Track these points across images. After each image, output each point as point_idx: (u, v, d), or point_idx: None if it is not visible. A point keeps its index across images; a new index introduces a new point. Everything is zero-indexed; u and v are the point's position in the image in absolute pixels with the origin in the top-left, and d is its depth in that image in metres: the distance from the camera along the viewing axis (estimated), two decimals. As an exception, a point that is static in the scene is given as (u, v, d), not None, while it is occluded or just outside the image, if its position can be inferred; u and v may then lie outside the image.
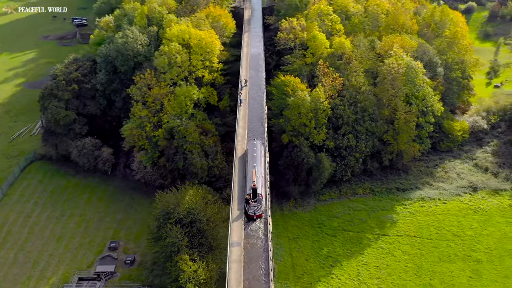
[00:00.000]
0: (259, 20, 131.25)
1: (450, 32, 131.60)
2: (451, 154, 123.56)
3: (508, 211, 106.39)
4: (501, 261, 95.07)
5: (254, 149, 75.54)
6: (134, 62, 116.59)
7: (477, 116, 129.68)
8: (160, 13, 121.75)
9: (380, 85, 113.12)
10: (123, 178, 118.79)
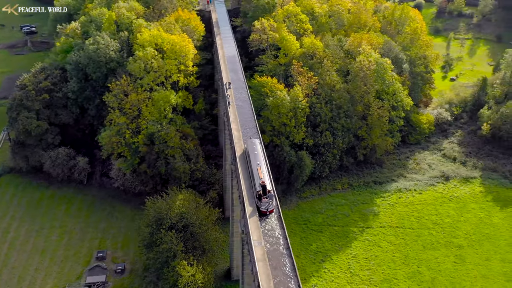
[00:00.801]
0: (227, 23, 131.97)
1: (410, 29, 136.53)
2: (420, 146, 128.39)
3: (480, 198, 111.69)
4: (481, 245, 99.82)
5: (254, 147, 76.58)
6: (107, 69, 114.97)
7: (441, 109, 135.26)
8: (129, 19, 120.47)
9: (352, 82, 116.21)
10: (100, 187, 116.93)
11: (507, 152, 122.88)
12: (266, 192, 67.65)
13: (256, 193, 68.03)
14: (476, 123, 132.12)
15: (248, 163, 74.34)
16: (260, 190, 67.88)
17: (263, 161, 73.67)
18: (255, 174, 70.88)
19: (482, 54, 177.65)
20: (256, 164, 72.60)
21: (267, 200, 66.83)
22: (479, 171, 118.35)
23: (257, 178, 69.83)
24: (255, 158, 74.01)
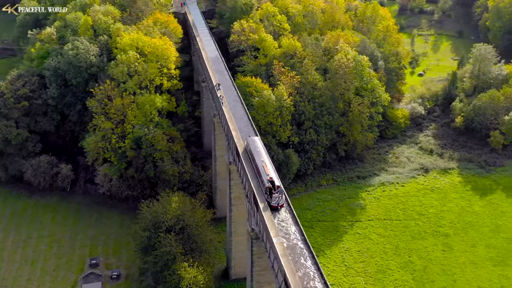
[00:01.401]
0: (203, 24, 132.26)
1: (383, 26, 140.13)
2: (397, 140, 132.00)
3: (460, 188, 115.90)
4: (466, 233, 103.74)
5: (255, 144, 77.57)
6: (88, 74, 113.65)
7: (414, 103, 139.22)
8: (106, 23, 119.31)
9: (332, 80, 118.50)
10: (85, 194, 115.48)
11: (480, 142, 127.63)
12: (275, 188, 68.85)
13: (265, 189, 69.09)
14: (448, 116, 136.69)
15: (252, 161, 75.25)
16: (269, 185, 69.04)
17: (267, 158, 74.85)
18: (261, 170, 71.88)
19: (446, 49, 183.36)
20: (261, 161, 73.70)
21: (277, 195, 68.02)
22: (456, 162, 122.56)
23: (264, 175, 70.89)
24: (259, 155, 75.08)
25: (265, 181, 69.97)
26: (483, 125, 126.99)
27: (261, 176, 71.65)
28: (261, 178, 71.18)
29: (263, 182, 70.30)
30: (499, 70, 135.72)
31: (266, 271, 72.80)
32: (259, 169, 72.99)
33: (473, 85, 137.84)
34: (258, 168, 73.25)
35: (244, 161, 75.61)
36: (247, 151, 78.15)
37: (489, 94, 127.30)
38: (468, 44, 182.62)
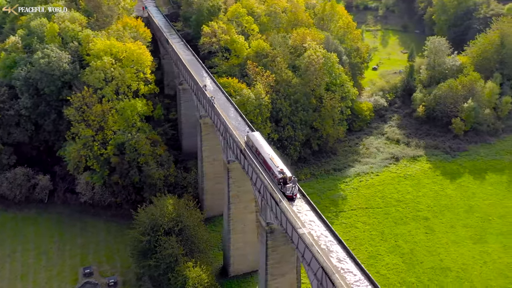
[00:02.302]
0: (169, 27, 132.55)
1: (343, 23, 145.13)
2: (364, 132, 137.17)
3: (430, 173, 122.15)
4: (443, 215, 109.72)
5: (257, 139, 79.63)
6: (61, 82, 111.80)
7: (376, 96, 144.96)
8: (74, 30, 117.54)
9: (303, 77, 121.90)
10: (64, 204, 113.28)
11: (442, 130, 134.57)
12: (288, 179, 71.31)
13: (278, 181, 71.41)
14: (409, 107, 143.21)
15: (257, 155, 77.11)
16: (281, 177, 71.44)
17: (272, 151, 77.25)
18: (270, 163, 74.12)
19: (394, 43, 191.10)
20: (267, 154, 76.02)
21: (291, 184, 70.51)
22: (422, 150, 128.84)
23: (274, 167, 73.30)
24: (263, 148, 77.35)
25: (276, 173, 72.30)
26: (444, 113, 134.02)
27: (271, 168, 73.84)
28: (272, 171, 73.40)
29: (274, 174, 72.56)
30: (453, 61, 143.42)
31: (280, 264, 75.43)
32: (267, 162, 75.13)
33: (430, 76, 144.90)
34: (266, 162, 75.36)
35: (250, 156, 77.28)
36: (250, 147, 79.93)
37: (448, 83, 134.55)
38: (413, 38, 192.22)
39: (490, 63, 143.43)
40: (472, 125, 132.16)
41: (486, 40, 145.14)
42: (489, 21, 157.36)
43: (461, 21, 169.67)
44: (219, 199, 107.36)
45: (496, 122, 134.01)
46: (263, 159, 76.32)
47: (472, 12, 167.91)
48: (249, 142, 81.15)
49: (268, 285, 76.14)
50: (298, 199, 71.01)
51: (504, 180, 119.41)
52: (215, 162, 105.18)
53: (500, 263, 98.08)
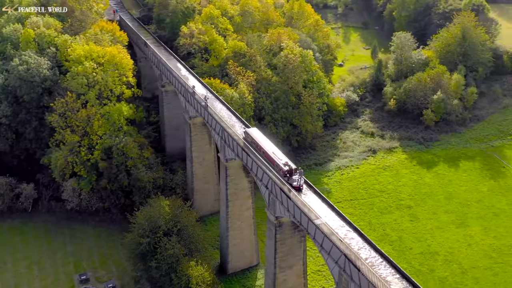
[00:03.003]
0: (145, 30, 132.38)
1: (313, 21, 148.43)
2: (339, 127, 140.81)
3: (407, 163, 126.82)
4: (425, 203, 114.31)
5: (257, 135, 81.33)
6: (42, 89, 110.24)
7: (348, 91, 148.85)
8: (50, 36, 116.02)
9: (282, 75, 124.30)
10: (49, 212, 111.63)
11: (414, 122, 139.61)
12: (294, 170, 73.45)
13: (284, 173, 73.39)
14: (380, 100, 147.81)
15: (258, 150, 78.74)
16: (287, 169, 73.47)
17: (273, 144, 79.15)
18: (273, 157, 76.05)
19: (356, 40, 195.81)
20: (269, 148, 77.85)
21: (298, 176, 72.62)
22: (397, 141, 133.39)
23: (278, 160, 75.37)
24: (264, 143, 79.21)
25: (282, 166, 74.31)
26: (415, 105, 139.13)
27: (275, 162, 75.70)
28: (276, 164, 75.28)
29: (279, 167, 74.50)
30: (419, 55, 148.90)
31: (288, 256, 77.45)
32: (270, 156, 76.94)
33: (397, 70, 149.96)
34: (269, 156, 77.13)
35: (254, 153, 78.77)
36: (249, 143, 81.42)
37: (417, 77, 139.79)
38: (374, 34, 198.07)
39: (454, 56, 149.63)
40: (441, 116, 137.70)
41: (448, 34, 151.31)
42: (448, 15, 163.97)
43: (421, 16, 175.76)
44: (208, 199, 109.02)
45: (464, 112, 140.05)
46: (266, 153, 78.01)
47: (431, 7, 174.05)
48: (248, 138, 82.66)
49: (276, 277, 77.83)
50: (305, 189, 72.96)
51: (476, 166, 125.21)
52: (204, 162, 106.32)
53: (483, 244, 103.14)
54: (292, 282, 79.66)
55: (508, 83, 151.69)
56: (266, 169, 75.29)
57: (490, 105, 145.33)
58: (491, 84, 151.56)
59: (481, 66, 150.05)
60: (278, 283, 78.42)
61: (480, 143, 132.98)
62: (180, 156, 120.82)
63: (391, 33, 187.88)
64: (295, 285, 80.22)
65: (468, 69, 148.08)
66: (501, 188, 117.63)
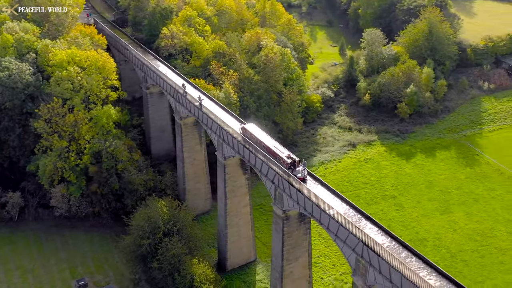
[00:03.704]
0: (122, 33, 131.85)
1: (285, 20, 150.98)
2: (317, 123, 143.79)
3: (387, 155, 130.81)
4: (408, 192, 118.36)
5: (255, 130, 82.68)
6: (25, 95, 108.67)
7: (323, 88, 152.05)
8: (29, 41, 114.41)
9: (263, 73, 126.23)
10: (36, 220, 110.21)
11: (389, 115, 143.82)
12: (297, 162, 75.48)
13: (287, 165, 75.26)
14: (354, 96, 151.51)
15: (258, 145, 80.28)
16: (290, 161, 75.40)
17: (271, 138, 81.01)
18: (275, 150, 77.70)
19: (322, 38, 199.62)
20: (270, 142, 79.68)
21: (301, 167, 74.68)
22: (375, 135, 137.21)
23: (280, 153, 77.15)
24: (264, 137, 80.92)
25: (285, 158, 76.14)
26: (389, 99, 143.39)
27: (277, 155, 77.40)
28: (279, 157, 76.98)
29: (282, 159, 76.26)
30: (389, 50, 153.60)
31: (294, 248, 79.46)
32: (272, 150, 78.56)
33: (369, 66, 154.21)
34: (271, 150, 78.73)
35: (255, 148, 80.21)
36: (248, 138, 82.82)
37: (390, 71, 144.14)
38: (339, 31, 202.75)
39: (422, 50, 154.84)
40: (415, 109, 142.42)
41: (416, 30, 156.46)
42: (413, 11, 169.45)
43: (386, 13, 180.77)
44: (199, 199, 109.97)
45: (435, 104, 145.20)
46: (267, 147, 79.52)
47: (395, 4, 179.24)
48: (246, 134, 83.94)
49: (283, 270, 79.61)
50: (309, 180, 74.92)
51: (452, 155, 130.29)
52: (195, 162, 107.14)
53: (467, 229, 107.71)
54: (298, 274, 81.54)
55: (474, 75, 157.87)
56: (271, 164, 76.77)
57: (458, 96, 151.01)
58: (458, 76, 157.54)
59: (447, 59, 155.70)
60: (285, 275, 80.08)
61: (453, 133, 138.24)
62: (166, 157, 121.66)
63: (356, 31, 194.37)
64: (301, 276, 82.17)
65: (436, 63, 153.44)
66: (477, 175, 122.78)
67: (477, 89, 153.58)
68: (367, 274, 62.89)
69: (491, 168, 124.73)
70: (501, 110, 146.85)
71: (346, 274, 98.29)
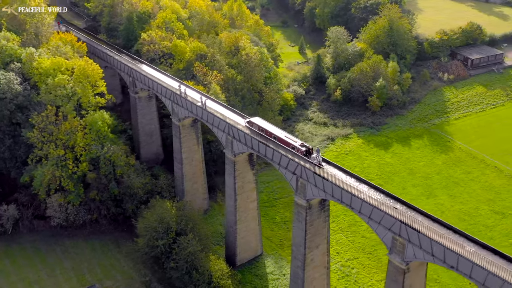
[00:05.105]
0: (98, 39, 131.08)
1: (253, 22, 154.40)
2: (292, 120, 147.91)
3: (366, 147, 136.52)
4: (392, 180, 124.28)
5: (263, 123, 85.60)
6: (14, 105, 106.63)
7: (293, 86, 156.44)
8: (12, 49, 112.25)
9: (244, 73, 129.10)
10: (32, 231, 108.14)
11: (360, 109, 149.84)
12: (311, 149, 79.06)
13: (302, 153, 78.68)
14: (324, 92, 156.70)
15: (269, 136, 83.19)
16: (304, 149, 78.86)
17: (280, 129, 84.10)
18: (288, 140, 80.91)
19: (280, 38, 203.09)
20: (281, 133, 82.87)
21: (316, 154, 78.24)
22: (350, 128, 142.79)
23: (293, 142, 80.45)
24: (273, 129, 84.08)
25: (299, 147, 79.62)
26: (360, 93, 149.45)
27: (290, 145, 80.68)
28: (292, 146, 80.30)
29: (297, 148, 79.70)
30: (353, 47, 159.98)
31: (315, 236, 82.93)
32: (284, 140, 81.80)
33: (335, 63, 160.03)
34: (282, 139, 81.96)
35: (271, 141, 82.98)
36: (258, 131, 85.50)
37: (359, 67, 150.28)
38: (295, 31, 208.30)
39: (384, 45, 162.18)
40: (384, 101, 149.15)
41: (376, 26, 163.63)
42: (369, 9, 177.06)
43: (343, 12, 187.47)
44: (197, 199, 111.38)
45: (403, 96, 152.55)
46: (278, 138, 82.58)
47: (351, 2, 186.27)
48: (254, 128, 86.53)
49: (306, 258, 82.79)
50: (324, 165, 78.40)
51: (426, 143, 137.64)
52: (193, 162, 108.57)
53: (454, 210, 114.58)
54: (318, 261, 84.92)
55: (433, 67, 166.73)
56: (291, 156, 79.67)
57: (422, 88, 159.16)
58: (418, 69, 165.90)
59: (408, 53, 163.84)
60: (307, 263, 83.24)
61: (423, 123, 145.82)
62: (155, 161, 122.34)
63: (312, 30, 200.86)
64: (320, 264, 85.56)
65: (398, 57, 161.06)
66: (453, 160, 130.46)
67: (437, 80, 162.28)
68: (406, 250, 67.01)
69: (464, 153, 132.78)
70: (462, 99, 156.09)
71: (351, 261, 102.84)
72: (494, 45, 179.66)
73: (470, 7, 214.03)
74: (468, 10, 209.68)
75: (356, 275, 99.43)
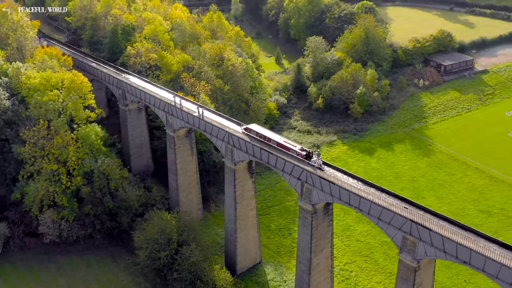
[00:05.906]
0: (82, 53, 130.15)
1: (233, 33, 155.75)
2: (276, 129, 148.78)
3: (351, 153, 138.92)
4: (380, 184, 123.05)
5: (261, 129, 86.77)
6: (3, 120, 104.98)
7: (275, 95, 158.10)
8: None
9: (231, 83, 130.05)
10: (23, 250, 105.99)
11: (342, 116, 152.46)
12: (311, 153, 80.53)
13: (303, 157, 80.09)
14: (305, 101, 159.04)
15: (267, 142, 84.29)
16: (305, 153, 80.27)
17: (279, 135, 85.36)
18: (287, 145, 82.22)
19: (255, 49, 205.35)
20: (280, 138, 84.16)
21: (316, 157, 79.74)
22: (334, 135, 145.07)
23: (293, 147, 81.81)
24: (271, 135, 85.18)
25: (299, 151, 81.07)
26: (341, 101, 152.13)
27: (290, 149, 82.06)
28: (292, 151, 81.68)
29: (297, 152, 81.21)
30: (332, 56, 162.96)
31: (320, 240, 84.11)
32: (284, 145, 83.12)
33: (315, 72, 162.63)
34: (282, 144, 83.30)
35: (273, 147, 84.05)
36: (256, 137, 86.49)
37: (339, 75, 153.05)
38: (270, 42, 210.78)
39: (361, 54, 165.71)
40: (365, 108, 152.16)
41: (353, 35, 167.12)
42: (344, 19, 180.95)
43: (318, 22, 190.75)
44: (192, 209, 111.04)
45: (382, 103, 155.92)
46: (278, 143, 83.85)
47: (326, 13, 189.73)
48: (252, 135, 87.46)
49: (311, 262, 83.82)
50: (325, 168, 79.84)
51: (408, 147, 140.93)
52: (187, 173, 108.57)
53: (442, 211, 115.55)
54: (323, 265, 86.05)
55: (408, 74, 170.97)
56: (296, 162, 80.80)
57: (399, 94, 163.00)
58: (394, 76, 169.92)
59: (384, 61, 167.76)
60: (312, 267, 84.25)
61: (403, 128, 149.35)
62: (145, 173, 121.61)
63: (287, 40, 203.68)
64: (325, 267, 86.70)
65: (375, 65, 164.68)
66: (436, 163, 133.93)
67: (413, 86, 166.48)
68: (417, 249, 68.76)
69: (446, 156, 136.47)
70: (438, 104, 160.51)
71: (349, 264, 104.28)
72: (463, 51, 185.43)
73: (437, 15, 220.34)
74: (435, 18, 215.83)
75: (355, 278, 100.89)
